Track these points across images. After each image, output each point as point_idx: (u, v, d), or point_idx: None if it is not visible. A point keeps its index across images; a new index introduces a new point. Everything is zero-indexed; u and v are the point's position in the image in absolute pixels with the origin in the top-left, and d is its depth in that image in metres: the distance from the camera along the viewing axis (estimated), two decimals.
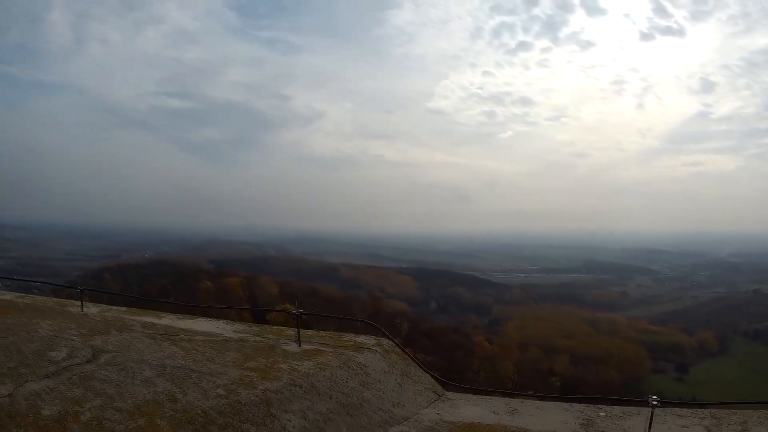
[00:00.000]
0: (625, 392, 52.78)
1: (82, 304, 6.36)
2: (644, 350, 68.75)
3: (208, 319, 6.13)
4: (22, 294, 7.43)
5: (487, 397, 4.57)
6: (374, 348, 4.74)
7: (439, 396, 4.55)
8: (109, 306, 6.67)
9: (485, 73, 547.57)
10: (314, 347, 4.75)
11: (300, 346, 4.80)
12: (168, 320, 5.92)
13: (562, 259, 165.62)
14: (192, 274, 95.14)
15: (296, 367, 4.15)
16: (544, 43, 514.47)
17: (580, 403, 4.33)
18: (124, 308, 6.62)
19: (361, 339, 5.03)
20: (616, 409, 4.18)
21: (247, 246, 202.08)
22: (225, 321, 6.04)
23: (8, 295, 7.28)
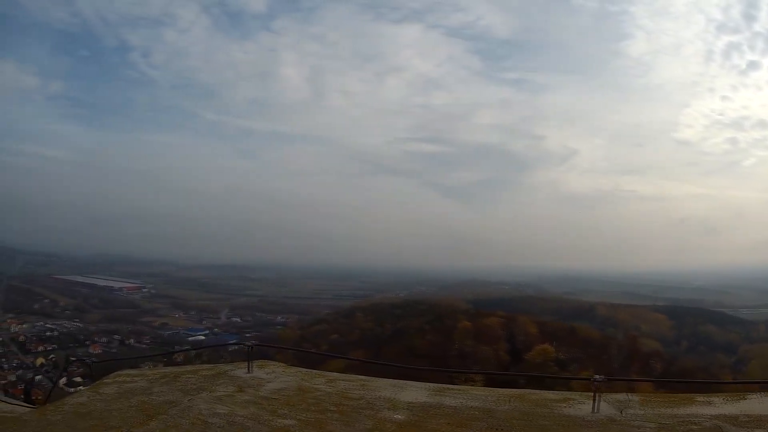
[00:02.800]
0: None
1: (595, 403, 5.53)
2: None
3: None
4: (398, 381, 6.75)
5: None
6: None
7: None
8: (626, 396, 5.98)
9: (723, 98, 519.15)
10: None
11: None
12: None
13: None
14: (449, 313, 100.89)
15: None
16: None
17: None
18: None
19: None
20: None
21: (505, 286, 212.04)
22: None
23: (417, 390, 6.42)
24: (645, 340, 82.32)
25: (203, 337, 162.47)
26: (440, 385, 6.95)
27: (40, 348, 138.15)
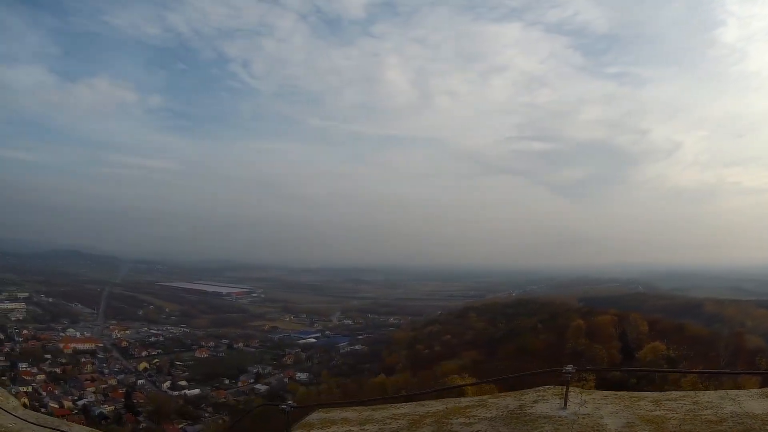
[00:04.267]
0: None
1: None
2: None
3: None
4: (724, 393, 6.15)
5: None
6: None
7: None
8: None
9: None
10: None
11: None
12: None
13: None
14: (561, 312, 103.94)
15: None
16: None
17: None
18: None
19: None
20: None
21: (616, 283, 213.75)
22: None
23: (753, 399, 5.88)
24: (749, 336, 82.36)
25: (314, 340, 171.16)
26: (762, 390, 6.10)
27: (144, 353, 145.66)
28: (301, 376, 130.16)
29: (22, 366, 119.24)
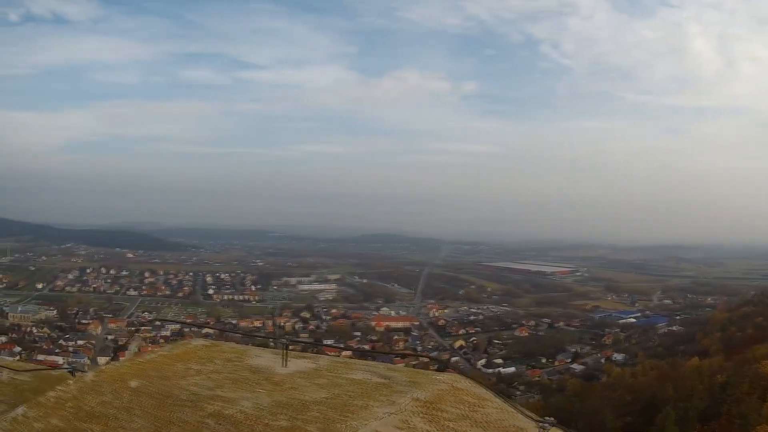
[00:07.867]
0: None
1: None
2: None
3: None
4: None
5: None
6: None
7: None
8: None
9: None
10: None
11: None
12: None
13: None
14: None
15: None
16: None
17: None
18: None
19: None
20: None
21: None
22: None
23: None
24: None
25: (634, 320, 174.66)
26: None
27: (461, 331, 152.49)
28: (617, 356, 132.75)
29: (327, 342, 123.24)
